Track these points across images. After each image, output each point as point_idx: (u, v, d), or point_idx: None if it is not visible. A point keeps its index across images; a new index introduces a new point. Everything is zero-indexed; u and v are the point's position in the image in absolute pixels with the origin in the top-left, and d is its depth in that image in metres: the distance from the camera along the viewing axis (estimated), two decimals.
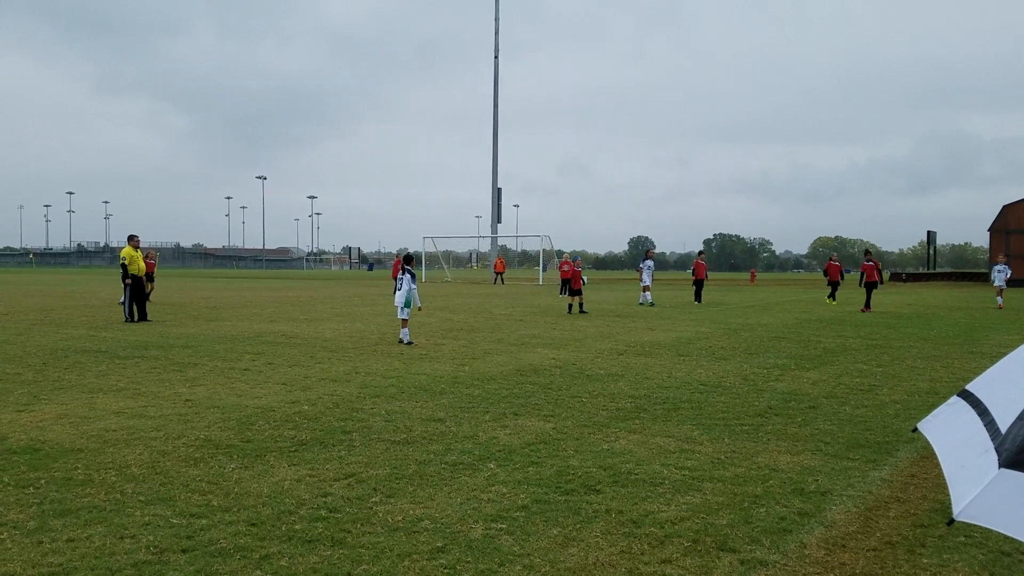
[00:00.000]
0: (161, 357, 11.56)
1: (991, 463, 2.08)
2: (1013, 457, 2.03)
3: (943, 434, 2.46)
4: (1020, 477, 1.98)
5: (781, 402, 8.50)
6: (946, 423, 2.49)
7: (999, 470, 2.03)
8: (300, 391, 8.83)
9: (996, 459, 2.08)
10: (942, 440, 2.44)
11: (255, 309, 22.55)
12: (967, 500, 2.02)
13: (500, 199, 64.99)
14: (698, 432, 7.03)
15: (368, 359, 11.63)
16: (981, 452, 2.16)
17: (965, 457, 2.22)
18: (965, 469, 2.18)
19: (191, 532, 4.37)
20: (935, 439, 2.47)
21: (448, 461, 5.91)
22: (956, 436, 2.35)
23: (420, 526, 4.50)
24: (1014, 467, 2.01)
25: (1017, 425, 2.12)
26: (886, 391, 9.30)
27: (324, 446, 6.31)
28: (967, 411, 2.36)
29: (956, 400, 2.48)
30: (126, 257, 17.90)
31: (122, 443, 6.38)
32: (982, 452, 2.15)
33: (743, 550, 4.24)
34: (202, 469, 5.62)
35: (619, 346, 13.76)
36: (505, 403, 8.29)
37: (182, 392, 8.69)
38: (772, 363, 11.66)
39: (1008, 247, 50.89)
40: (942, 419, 2.54)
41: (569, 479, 5.50)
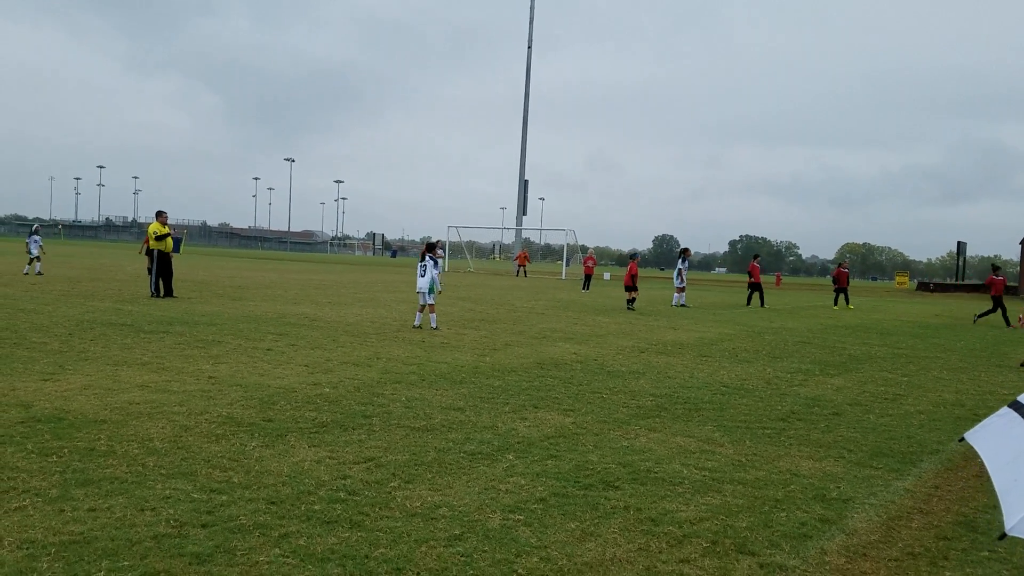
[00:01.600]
0: (186, 333, 11.66)
1: None
2: None
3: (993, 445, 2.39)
4: None
5: (804, 407, 8.41)
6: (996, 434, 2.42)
7: None
8: (322, 373, 8.87)
9: None
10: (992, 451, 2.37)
11: (279, 290, 22.69)
12: (1021, 515, 1.95)
13: (526, 191, 64.78)
14: (719, 433, 6.97)
15: (390, 345, 11.66)
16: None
17: (1018, 471, 2.16)
18: (1018, 483, 2.11)
19: (211, 507, 4.39)
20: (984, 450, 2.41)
21: (467, 450, 5.90)
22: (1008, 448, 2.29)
23: (438, 513, 4.50)
24: None
25: None
26: (911, 401, 9.18)
27: (344, 429, 6.33)
28: (1019, 423, 2.29)
29: (1007, 411, 2.42)
30: (156, 232, 18.03)
31: (145, 416, 6.43)
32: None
33: (762, 554, 4.19)
34: (223, 446, 5.66)
35: (641, 344, 13.70)
36: (525, 395, 8.27)
37: (205, 369, 8.76)
38: (796, 368, 11.54)
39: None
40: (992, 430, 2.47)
41: (588, 474, 5.48)
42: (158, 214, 18.55)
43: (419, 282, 14.29)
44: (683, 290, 25.60)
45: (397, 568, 3.73)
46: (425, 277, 14.17)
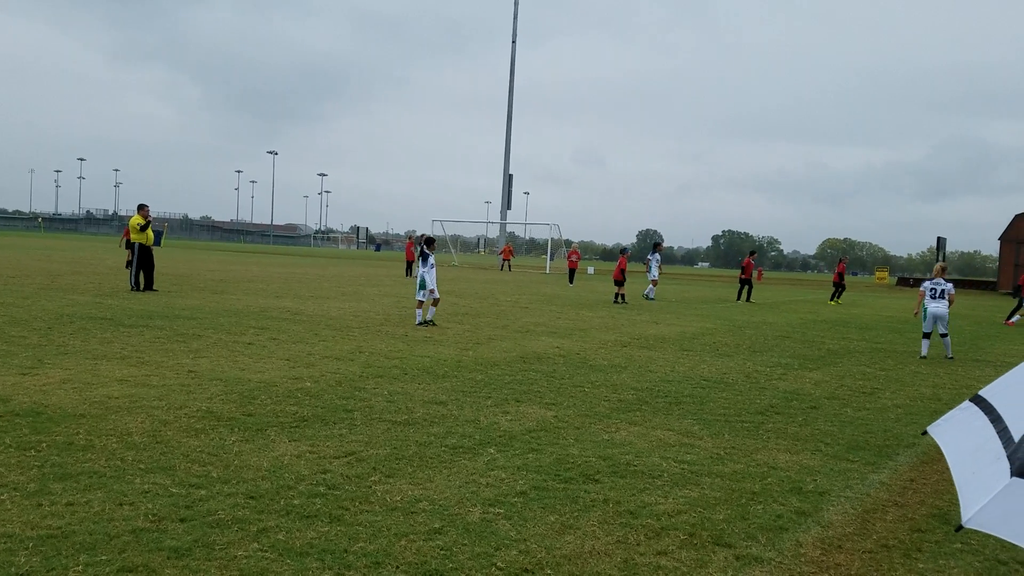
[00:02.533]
0: (166, 327, 11.59)
1: (1003, 471, 2.06)
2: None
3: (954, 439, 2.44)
4: None
5: (783, 401, 8.49)
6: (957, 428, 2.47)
7: (1011, 479, 2.01)
8: (303, 368, 8.85)
9: (1008, 467, 2.06)
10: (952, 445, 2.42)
11: (261, 284, 22.58)
12: (977, 507, 2.00)
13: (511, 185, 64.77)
14: (699, 427, 7.02)
15: (372, 339, 11.64)
16: (993, 460, 2.14)
17: (976, 464, 2.20)
18: (976, 476, 2.15)
19: (190, 502, 4.39)
20: (945, 443, 2.45)
21: (448, 444, 5.92)
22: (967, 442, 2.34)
23: (418, 507, 4.51)
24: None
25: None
26: (888, 395, 9.28)
27: (325, 423, 6.33)
28: (979, 417, 2.34)
29: (968, 405, 2.46)
30: (137, 224, 17.91)
31: (124, 411, 6.40)
32: (994, 460, 2.13)
33: (739, 546, 4.24)
34: (203, 440, 5.64)
35: (623, 338, 13.76)
36: (507, 389, 8.29)
37: (185, 363, 8.72)
38: (775, 362, 11.64)
39: (1019, 257, 50.67)
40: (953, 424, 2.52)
41: (568, 467, 5.51)
42: (140, 207, 18.43)
43: (431, 279, 13.87)
44: (656, 283, 26.14)
45: (376, 562, 3.74)
46: (432, 273, 13.91)
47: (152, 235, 18.29)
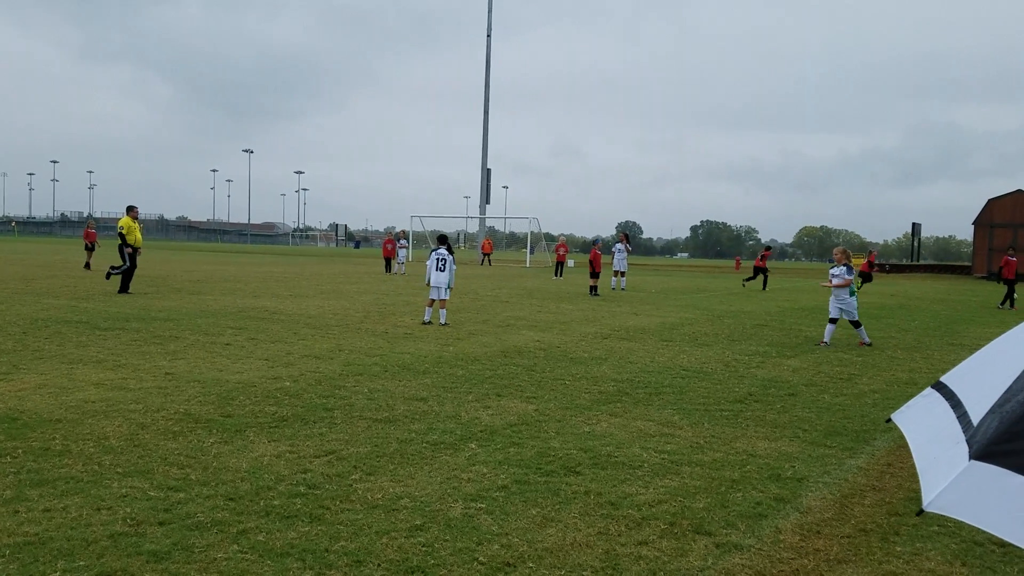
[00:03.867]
0: (142, 330, 11.48)
1: (962, 455, 2.10)
2: (983, 449, 2.05)
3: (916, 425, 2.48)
4: (989, 469, 2.00)
5: (761, 389, 8.56)
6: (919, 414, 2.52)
7: (969, 462, 2.05)
8: (282, 367, 8.80)
9: (967, 451, 2.10)
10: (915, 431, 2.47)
11: (239, 284, 22.42)
12: (937, 491, 2.04)
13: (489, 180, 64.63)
14: (679, 417, 7.07)
15: (352, 337, 11.60)
16: (952, 444, 2.18)
17: (937, 449, 2.25)
18: (936, 460, 2.20)
19: (168, 505, 4.36)
20: (908, 430, 2.50)
21: (429, 440, 5.91)
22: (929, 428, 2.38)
23: (399, 504, 4.51)
24: (984, 459, 2.03)
25: (989, 418, 2.14)
26: (865, 380, 9.38)
27: (305, 423, 6.30)
28: (940, 403, 2.39)
29: (930, 392, 2.51)
30: (124, 227, 17.80)
31: (101, 415, 6.34)
32: (953, 444, 2.17)
33: (719, 533, 4.28)
34: (181, 443, 5.60)
35: (604, 330, 13.80)
36: (488, 384, 8.30)
37: (162, 365, 8.64)
38: (754, 350, 11.73)
39: (992, 241, 51.33)
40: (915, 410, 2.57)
41: (549, 460, 5.53)
42: (129, 209, 18.35)
43: (437, 277, 13.46)
44: (623, 274, 26.24)
45: (357, 560, 3.74)
46: (445, 272, 13.48)
47: (140, 237, 18.13)
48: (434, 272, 13.49)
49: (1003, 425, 2.06)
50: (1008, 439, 2.02)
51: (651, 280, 35.14)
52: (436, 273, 13.48)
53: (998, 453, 2.01)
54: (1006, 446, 2.01)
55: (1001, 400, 2.16)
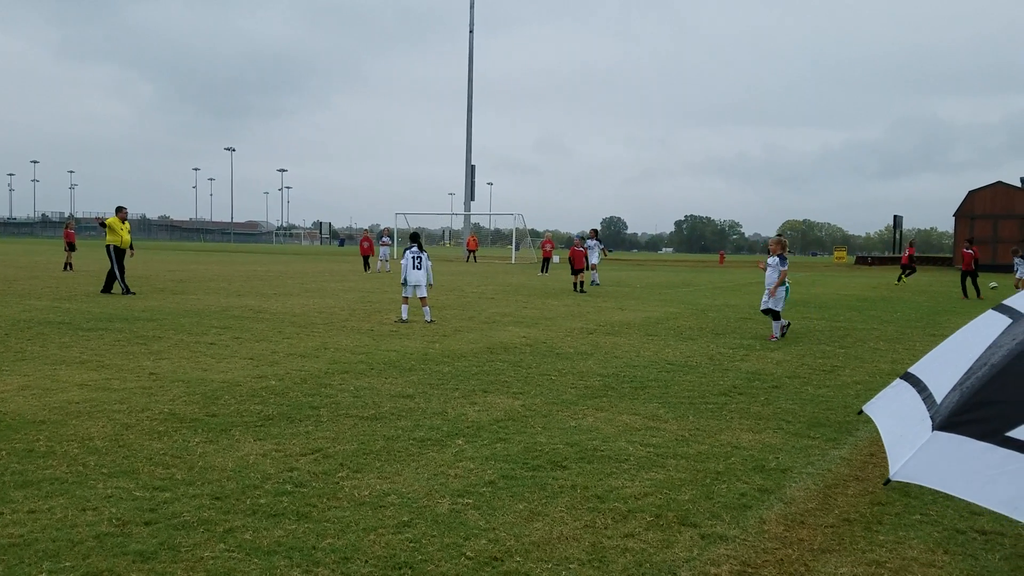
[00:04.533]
0: (126, 330, 11.41)
1: (926, 428, 2.21)
2: (946, 420, 2.15)
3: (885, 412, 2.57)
4: (951, 438, 2.11)
5: (745, 382, 8.62)
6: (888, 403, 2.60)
7: (932, 433, 2.16)
8: (267, 366, 8.78)
9: (930, 425, 2.21)
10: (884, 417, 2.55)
11: (222, 283, 22.31)
12: (902, 461, 2.14)
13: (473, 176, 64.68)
14: (664, 410, 7.11)
15: (337, 335, 11.58)
16: (918, 422, 2.28)
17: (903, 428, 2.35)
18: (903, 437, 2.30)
19: (154, 505, 4.35)
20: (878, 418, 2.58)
21: (416, 437, 5.92)
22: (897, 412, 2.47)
23: (386, 501, 4.52)
24: (946, 429, 2.13)
25: (951, 395, 2.24)
26: (848, 372, 9.47)
27: (291, 421, 6.29)
28: (908, 390, 2.48)
29: (899, 382, 2.60)
30: (111, 225, 17.80)
31: (85, 415, 6.31)
32: (919, 421, 2.28)
33: (704, 525, 4.31)
34: (166, 443, 5.58)
35: (589, 325, 13.84)
36: (475, 380, 8.31)
37: (146, 365, 8.60)
38: (738, 343, 11.80)
39: (972, 232, 51.83)
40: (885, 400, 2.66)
41: (536, 455, 5.55)
42: (118, 209, 18.34)
43: (415, 275, 13.53)
44: (594, 267, 26.28)
45: (345, 557, 3.74)
46: (421, 270, 13.58)
47: (128, 237, 18.05)
48: (411, 271, 13.56)
49: (963, 398, 2.18)
50: (968, 409, 2.13)
51: (636, 275, 35.27)
52: (413, 272, 13.55)
53: (959, 423, 2.12)
54: (966, 416, 2.12)
55: (962, 379, 2.26)
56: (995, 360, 2.20)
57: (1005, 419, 2.01)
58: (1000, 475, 1.95)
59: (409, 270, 13.57)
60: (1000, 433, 2.00)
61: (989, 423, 2.04)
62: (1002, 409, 2.04)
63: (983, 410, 2.08)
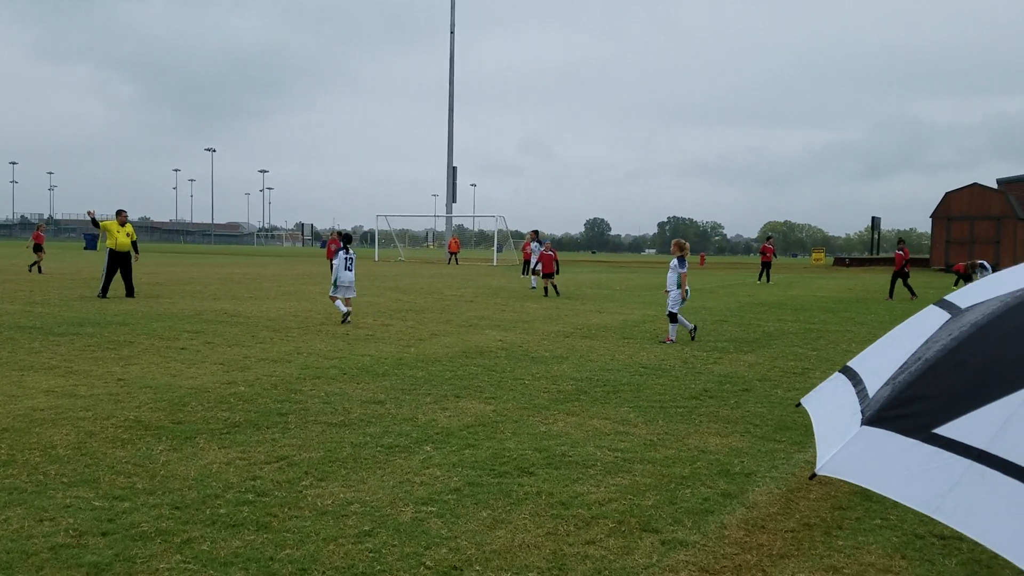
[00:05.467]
0: (97, 334, 11.30)
1: (856, 423, 2.19)
2: (874, 416, 2.13)
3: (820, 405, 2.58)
4: (878, 432, 2.09)
5: (717, 385, 8.66)
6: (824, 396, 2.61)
7: (860, 427, 2.14)
8: (238, 371, 8.72)
9: (860, 419, 2.19)
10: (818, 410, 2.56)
11: (198, 286, 22.15)
12: (828, 456, 2.13)
13: (455, 178, 64.53)
14: (634, 414, 7.13)
15: (312, 339, 11.52)
16: (849, 416, 2.27)
17: (834, 421, 2.35)
18: (833, 431, 2.30)
19: (112, 515, 4.30)
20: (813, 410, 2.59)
21: (384, 444, 5.90)
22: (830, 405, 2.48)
23: (349, 510, 4.50)
24: (873, 424, 2.12)
25: (883, 389, 2.23)
26: (818, 374, 9.53)
27: (258, 428, 6.25)
28: (844, 383, 2.48)
29: (837, 375, 2.61)
30: (105, 228, 17.92)
31: (49, 423, 6.24)
32: (850, 416, 2.26)
33: (665, 531, 4.33)
34: (129, 451, 5.53)
35: (566, 328, 13.86)
36: (448, 385, 8.30)
37: (115, 371, 8.52)
38: (712, 346, 11.86)
39: (949, 234, 52.38)
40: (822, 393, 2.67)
41: (504, 461, 5.54)
42: (117, 213, 18.50)
43: (347, 275, 13.89)
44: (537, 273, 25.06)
45: (302, 568, 3.72)
46: (352, 271, 13.95)
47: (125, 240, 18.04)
48: (343, 271, 13.87)
49: (893, 393, 2.16)
50: (897, 404, 2.11)
51: (616, 277, 35.35)
52: (345, 272, 13.87)
53: (887, 417, 2.10)
54: (895, 411, 2.10)
55: (895, 374, 2.25)
56: (928, 355, 2.19)
57: (933, 415, 2.00)
58: (924, 473, 1.93)
59: (341, 271, 13.85)
60: (927, 429, 1.98)
61: (917, 419, 2.02)
62: (931, 405, 2.03)
63: (912, 405, 2.07)
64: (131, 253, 18.09)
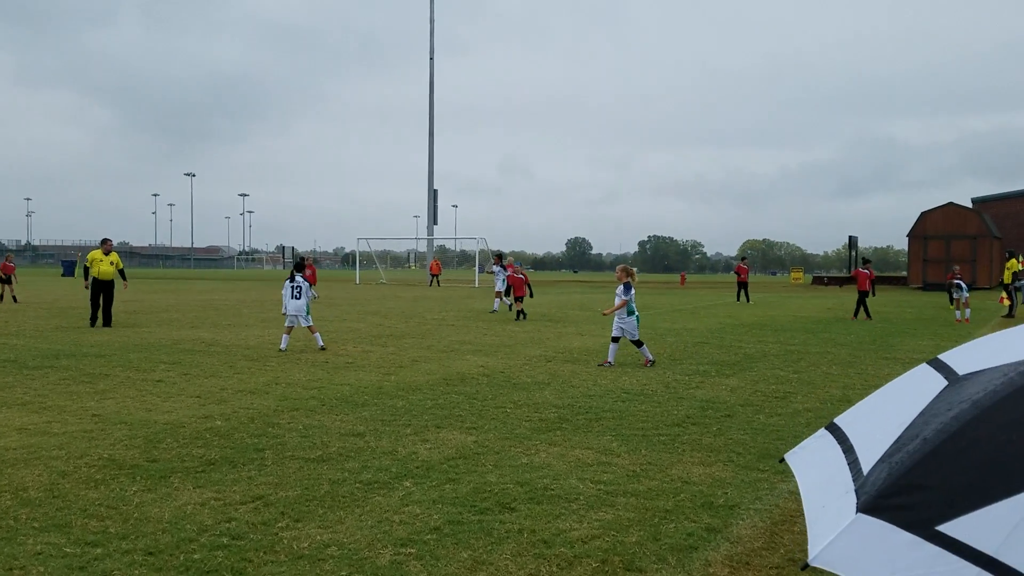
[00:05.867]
0: (72, 367, 11.12)
1: (850, 506, 2.07)
2: (871, 502, 2.02)
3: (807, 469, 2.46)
4: (876, 524, 1.97)
5: (699, 411, 8.63)
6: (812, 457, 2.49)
7: (856, 515, 2.02)
8: (214, 404, 8.59)
9: (855, 502, 2.07)
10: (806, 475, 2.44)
11: (176, 314, 21.92)
12: (823, 544, 2.01)
13: (436, 200, 64.58)
14: (617, 443, 7.08)
15: (291, 368, 11.40)
16: (842, 493, 2.15)
17: (826, 496, 2.23)
18: (825, 509, 2.18)
19: (84, 562, 4.19)
20: (800, 473, 2.48)
21: (363, 480, 5.81)
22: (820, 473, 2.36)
23: (326, 553, 4.40)
24: (871, 513, 2.00)
25: (879, 467, 2.13)
26: (800, 399, 9.54)
27: (234, 465, 6.13)
28: (833, 446, 2.37)
29: (824, 433, 2.49)
30: (88, 260, 18.01)
31: (21, 463, 6.10)
32: (843, 493, 2.15)
33: (649, 569, 4.27)
34: (102, 492, 5.41)
35: (548, 352, 13.81)
36: (428, 415, 8.21)
37: (90, 406, 8.36)
38: (694, 369, 11.85)
39: (926, 252, 52.95)
40: (808, 452, 2.55)
41: (485, 497, 5.47)
42: (102, 242, 18.51)
43: (294, 304, 13.51)
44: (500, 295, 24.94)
45: None
46: (301, 300, 13.60)
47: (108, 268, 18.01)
48: (291, 300, 13.62)
49: (891, 478, 2.04)
50: (896, 492, 2.00)
51: (598, 298, 35.36)
52: (293, 301, 13.62)
53: (885, 507, 1.98)
54: (894, 500, 1.99)
55: (891, 450, 2.14)
56: (927, 434, 2.08)
57: (936, 509, 1.88)
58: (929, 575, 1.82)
59: (289, 299, 13.63)
60: (930, 526, 1.87)
61: (918, 512, 1.91)
62: (933, 497, 1.91)
63: (912, 495, 1.95)
64: (114, 282, 17.99)
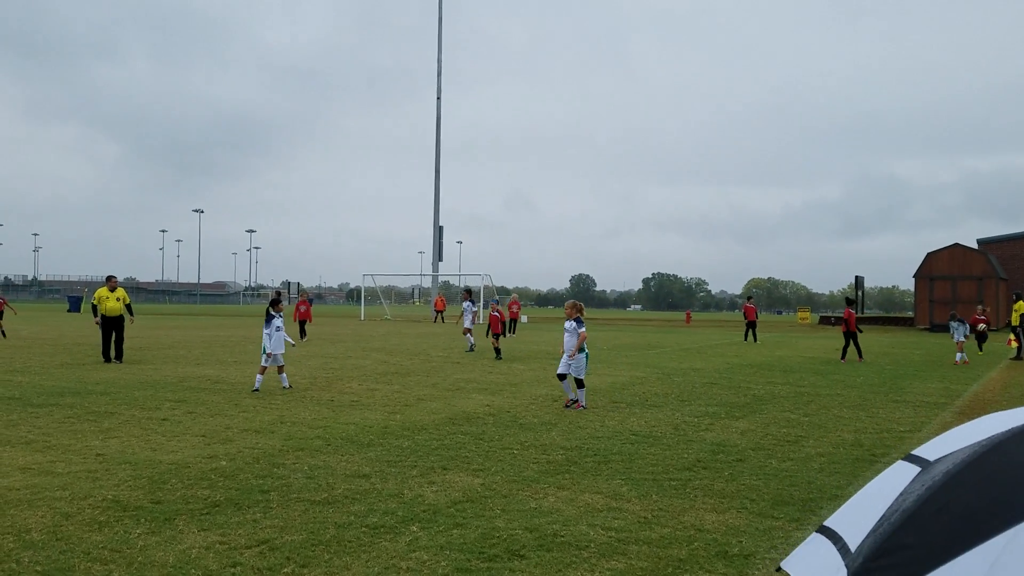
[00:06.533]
0: (77, 405, 11.06)
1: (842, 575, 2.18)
2: (860, 567, 2.11)
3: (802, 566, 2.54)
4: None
5: (710, 454, 8.52)
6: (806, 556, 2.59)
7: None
8: (219, 444, 8.51)
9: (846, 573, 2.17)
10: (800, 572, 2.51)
11: (182, 350, 21.89)
12: None
13: (441, 237, 64.86)
14: (627, 487, 6.97)
15: (296, 407, 11.32)
16: (833, 572, 2.24)
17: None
18: None
19: None
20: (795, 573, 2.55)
21: (369, 524, 5.72)
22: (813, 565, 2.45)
23: None
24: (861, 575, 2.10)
25: (866, 541, 2.22)
26: (812, 443, 9.42)
27: (239, 508, 6.05)
28: (824, 543, 2.47)
29: (815, 536, 2.61)
30: (95, 298, 18.37)
31: (24, 504, 6.03)
32: (834, 572, 2.23)
33: None
34: (106, 535, 5.33)
35: (554, 391, 13.72)
36: (434, 456, 8.12)
37: (94, 445, 8.29)
38: (703, 411, 11.74)
39: (932, 293, 52.83)
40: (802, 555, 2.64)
41: (493, 543, 5.37)
42: (107, 279, 18.83)
43: (274, 344, 13.33)
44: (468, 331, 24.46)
45: None
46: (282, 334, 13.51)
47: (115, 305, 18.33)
48: (270, 340, 13.46)
49: (876, 543, 2.14)
50: (882, 554, 2.09)
51: (603, 335, 35.28)
52: (271, 341, 13.47)
53: (874, 569, 2.08)
54: (881, 561, 2.08)
55: (876, 526, 2.25)
56: (906, 505, 2.21)
57: (920, 563, 1.99)
58: None
59: (269, 340, 13.41)
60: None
61: (904, 568, 2.02)
62: (916, 553, 2.03)
63: (897, 555, 2.07)
64: (123, 317, 18.19)
